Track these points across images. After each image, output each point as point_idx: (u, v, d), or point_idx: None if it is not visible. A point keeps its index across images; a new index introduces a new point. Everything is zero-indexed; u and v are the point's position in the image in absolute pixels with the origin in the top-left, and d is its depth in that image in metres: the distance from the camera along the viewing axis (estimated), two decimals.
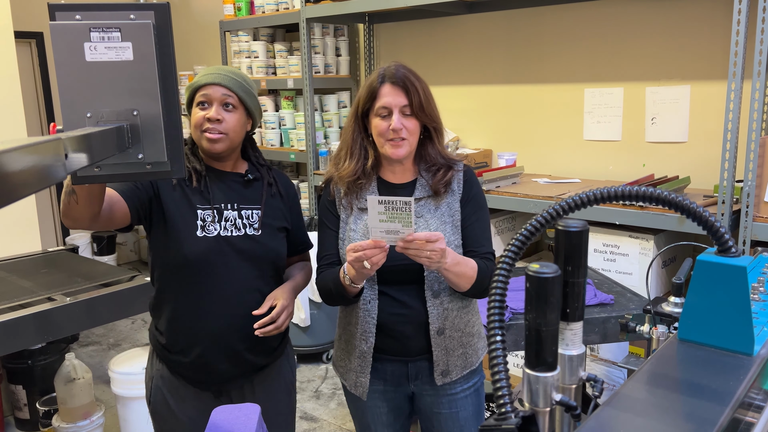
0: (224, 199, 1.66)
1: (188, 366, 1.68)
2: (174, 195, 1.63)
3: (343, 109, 4.30)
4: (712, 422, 0.63)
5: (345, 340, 1.71)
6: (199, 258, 1.61)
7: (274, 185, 1.75)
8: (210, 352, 1.65)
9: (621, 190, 0.72)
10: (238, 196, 1.68)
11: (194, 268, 1.61)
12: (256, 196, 1.71)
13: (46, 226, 5.55)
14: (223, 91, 1.60)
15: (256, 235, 1.67)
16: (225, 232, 1.64)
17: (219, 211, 1.65)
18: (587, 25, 3.18)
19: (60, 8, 0.82)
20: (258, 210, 1.69)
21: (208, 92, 1.60)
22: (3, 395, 3.18)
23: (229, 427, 1.16)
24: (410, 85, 1.57)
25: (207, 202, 1.64)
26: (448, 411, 1.70)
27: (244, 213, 1.67)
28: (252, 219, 1.68)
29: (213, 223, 1.63)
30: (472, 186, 1.68)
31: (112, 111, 0.82)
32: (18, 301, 2.44)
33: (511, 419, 0.63)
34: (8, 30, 3.36)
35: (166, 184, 1.63)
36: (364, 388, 1.67)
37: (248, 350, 1.68)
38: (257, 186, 1.73)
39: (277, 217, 1.73)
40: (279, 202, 1.75)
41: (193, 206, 1.62)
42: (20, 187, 0.51)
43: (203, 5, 5.42)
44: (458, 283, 1.54)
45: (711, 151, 2.83)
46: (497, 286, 0.69)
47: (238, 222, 1.66)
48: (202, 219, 1.62)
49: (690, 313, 0.80)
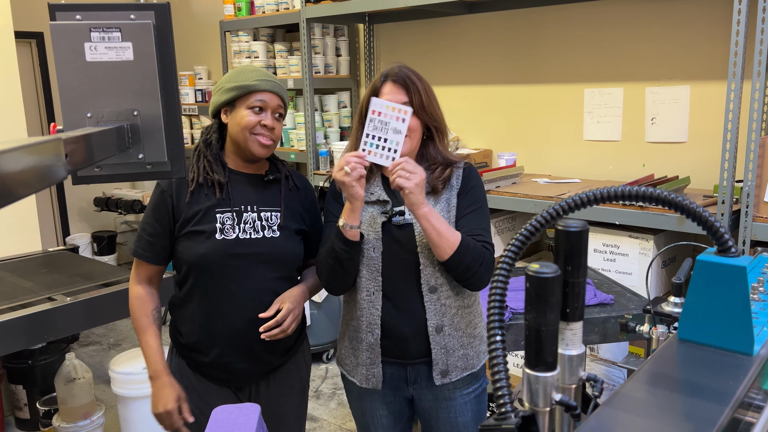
0: (244, 201, 1.69)
1: (207, 364, 1.71)
2: (193, 201, 1.66)
3: (343, 109, 4.30)
4: (712, 422, 0.63)
5: (350, 337, 1.72)
6: (217, 260, 1.64)
7: (291, 179, 1.78)
8: (228, 351, 1.69)
9: (621, 190, 0.72)
10: (258, 198, 1.71)
11: (213, 270, 1.65)
12: (276, 197, 1.73)
13: (46, 226, 5.55)
14: (279, 102, 1.67)
15: (274, 237, 1.69)
16: (244, 234, 1.66)
17: (239, 213, 1.67)
18: (587, 25, 3.18)
19: (60, 8, 0.82)
20: (277, 212, 1.71)
21: (266, 99, 1.64)
22: (3, 395, 3.18)
23: (229, 427, 1.16)
24: (411, 83, 1.59)
25: (227, 205, 1.67)
26: (447, 416, 1.69)
27: (264, 215, 1.70)
28: (271, 221, 1.70)
29: (232, 225, 1.65)
30: (471, 180, 1.67)
31: (113, 111, 0.82)
32: (18, 301, 2.44)
33: (511, 419, 0.63)
34: (8, 30, 3.36)
35: (184, 194, 1.66)
36: (378, 378, 1.67)
37: (265, 350, 1.71)
38: (277, 187, 1.75)
39: (296, 219, 1.76)
40: (297, 204, 1.77)
41: (212, 209, 1.65)
42: (20, 187, 0.51)
43: (203, 5, 5.42)
44: (438, 242, 1.51)
45: (711, 151, 2.83)
46: (497, 286, 0.69)
47: (257, 224, 1.68)
48: (221, 222, 1.65)
49: (690, 313, 0.80)
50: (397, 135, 1.47)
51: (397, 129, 1.47)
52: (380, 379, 1.67)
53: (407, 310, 1.62)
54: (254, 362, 1.72)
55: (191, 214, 1.65)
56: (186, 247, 1.66)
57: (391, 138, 1.48)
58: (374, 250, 1.61)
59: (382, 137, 1.48)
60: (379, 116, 1.46)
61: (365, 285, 1.63)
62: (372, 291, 1.62)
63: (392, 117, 1.47)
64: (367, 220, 1.63)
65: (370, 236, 1.61)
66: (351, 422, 3.18)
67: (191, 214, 1.65)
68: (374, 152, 1.49)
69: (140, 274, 1.73)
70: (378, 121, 1.46)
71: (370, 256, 1.61)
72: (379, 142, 1.48)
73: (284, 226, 1.71)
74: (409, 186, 1.47)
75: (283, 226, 1.71)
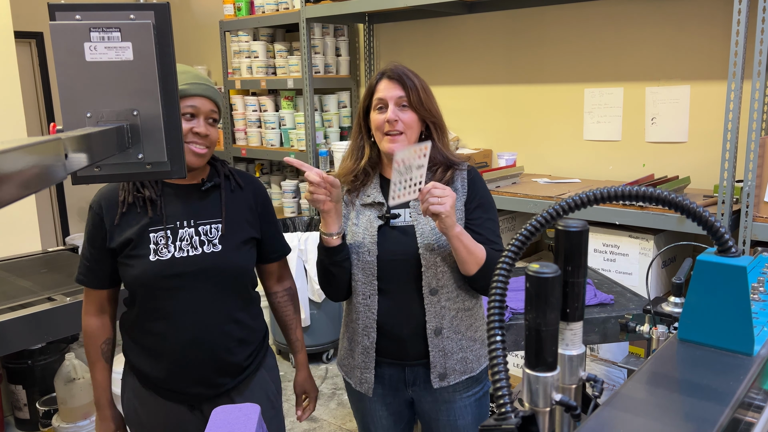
0: (179, 217, 1.57)
1: (158, 386, 1.64)
2: (124, 224, 1.56)
3: (343, 109, 4.30)
4: (712, 422, 0.63)
5: (348, 338, 1.72)
6: (151, 282, 1.54)
7: (232, 179, 1.66)
8: (176, 374, 1.61)
9: (621, 190, 0.72)
10: (195, 211, 1.59)
11: (150, 293, 1.56)
12: (215, 208, 1.61)
13: (46, 226, 5.55)
14: (212, 107, 1.55)
15: (215, 251, 1.58)
16: (180, 252, 1.55)
17: (174, 231, 1.56)
18: (587, 25, 3.18)
19: (60, 8, 0.82)
20: (218, 224, 1.60)
21: (197, 104, 1.52)
22: (3, 395, 3.17)
23: (229, 427, 1.16)
24: (407, 78, 1.58)
25: (160, 223, 1.56)
26: (446, 419, 1.68)
27: (202, 229, 1.58)
28: (210, 234, 1.59)
29: (166, 244, 1.55)
30: (478, 187, 1.65)
31: (112, 111, 0.82)
32: (18, 301, 2.44)
33: (511, 419, 0.63)
34: (8, 30, 3.36)
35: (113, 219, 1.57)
36: (369, 384, 1.67)
37: (216, 372, 1.62)
38: (216, 195, 1.63)
39: (242, 227, 1.63)
40: (243, 209, 1.65)
41: (146, 230, 1.55)
42: (20, 187, 0.51)
43: (203, 5, 5.42)
44: (467, 259, 1.51)
45: (711, 151, 2.83)
46: (497, 286, 0.69)
47: (194, 240, 1.57)
48: (155, 242, 1.54)
49: (690, 313, 0.80)
50: (420, 169, 1.45)
51: (420, 165, 1.45)
52: (371, 385, 1.66)
53: (407, 311, 1.61)
54: (205, 385, 1.62)
55: (124, 238, 1.55)
56: (123, 270, 1.57)
57: (415, 174, 1.46)
58: (369, 254, 1.60)
59: (407, 178, 1.45)
60: (404, 164, 1.43)
61: (361, 289, 1.62)
62: (368, 294, 1.61)
63: (414, 157, 1.44)
64: (363, 223, 1.62)
65: (366, 240, 1.60)
66: (351, 422, 3.18)
67: (124, 238, 1.55)
68: (401, 194, 1.46)
69: (89, 302, 1.64)
70: (404, 168, 1.43)
71: (365, 260, 1.60)
72: (405, 183, 1.45)
73: (227, 239, 1.59)
74: (445, 210, 1.43)
75: (225, 237, 1.59)
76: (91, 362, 1.67)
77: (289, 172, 4.93)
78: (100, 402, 1.68)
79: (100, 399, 1.68)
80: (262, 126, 4.47)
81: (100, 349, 1.66)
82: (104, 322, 1.66)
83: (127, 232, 1.55)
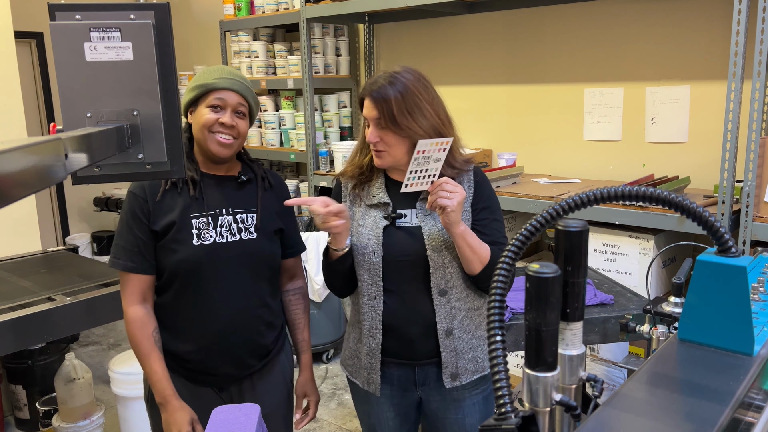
0: (219, 205, 1.67)
1: (189, 368, 1.70)
2: (166, 207, 1.62)
3: (343, 109, 4.30)
4: (712, 422, 0.63)
5: (354, 339, 1.72)
6: (195, 266, 1.62)
7: (267, 179, 1.77)
8: (211, 355, 1.68)
9: (621, 190, 0.72)
10: (233, 200, 1.69)
11: (192, 276, 1.63)
12: (251, 199, 1.71)
13: (46, 226, 5.55)
14: (239, 100, 1.63)
15: (251, 239, 1.68)
16: (221, 238, 1.65)
17: (214, 218, 1.65)
18: (587, 25, 3.18)
19: (60, 8, 0.82)
20: (253, 213, 1.70)
21: (224, 97, 1.61)
22: (3, 395, 3.18)
23: (229, 427, 1.16)
24: (382, 101, 1.51)
25: (201, 210, 1.64)
26: (455, 416, 1.68)
27: (240, 217, 1.68)
28: (247, 223, 1.69)
29: (208, 230, 1.63)
30: (484, 188, 1.66)
31: (112, 111, 0.82)
32: (18, 301, 2.44)
33: (511, 419, 0.63)
34: (8, 30, 3.36)
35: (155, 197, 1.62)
36: (376, 384, 1.67)
37: (247, 353, 1.71)
38: (251, 187, 1.73)
39: (273, 219, 1.74)
40: (273, 204, 1.75)
41: (187, 215, 1.62)
42: (20, 187, 0.51)
43: (203, 5, 5.42)
44: (472, 258, 1.54)
45: (711, 151, 2.83)
46: (497, 286, 0.69)
47: (233, 227, 1.67)
48: (197, 227, 1.63)
49: (690, 313, 0.80)
50: (437, 162, 1.51)
51: (438, 158, 1.51)
52: (378, 385, 1.67)
53: (416, 311, 1.60)
54: (236, 365, 1.71)
55: (168, 220, 1.61)
56: (164, 253, 1.62)
57: (431, 166, 1.51)
58: (374, 255, 1.60)
59: (423, 169, 1.50)
60: (423, 153, 1.48)
61: (366, 290, 1.62)
62: (373, 295, 1.61)
63: (434, 150, 1.50)
64: (368, 224, 1.62)
65: (371, 241, 1.60)
66: (351, 422, 3.18)
67: (168, 220, 1.61)
68: (415, 183, 1.51)
69: (133, 291, 1.63)
70: (422, 158, 1.48)
71: (370, 261, 1.60)
72: (420, 174, 1.51)
73: (261, 228, 1.70)
74: (451, 204, 1.46)
75: (261, 227, 1.70)
76: (144, 354, 1.62)
77: (289, 173, 4.93)
78: (166, 393, 1.61)
79: (165, 390, 1.61)
80: (262, 126, 4.47)
81: (152, 337, 1.63)
82: (149, 310, 1.65)
83: (170, 215, 1.61)
